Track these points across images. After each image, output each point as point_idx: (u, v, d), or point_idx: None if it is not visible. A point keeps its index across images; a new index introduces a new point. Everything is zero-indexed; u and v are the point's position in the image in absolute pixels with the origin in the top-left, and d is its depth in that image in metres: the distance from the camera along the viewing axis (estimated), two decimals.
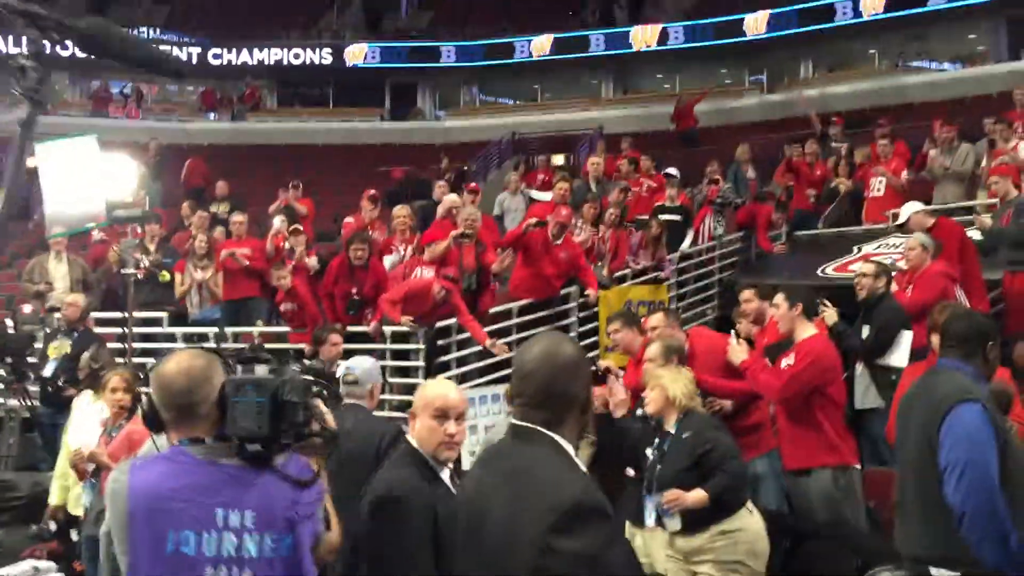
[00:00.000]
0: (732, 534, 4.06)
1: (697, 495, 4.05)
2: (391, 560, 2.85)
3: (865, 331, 5.86)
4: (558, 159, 16.62)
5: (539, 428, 2.12)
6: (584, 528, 1.93)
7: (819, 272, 9.09)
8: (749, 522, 4.11)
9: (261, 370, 2.37)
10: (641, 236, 9.33)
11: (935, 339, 4.25)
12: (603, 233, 9.20)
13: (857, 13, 20.83)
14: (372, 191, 9.75)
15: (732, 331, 5.61)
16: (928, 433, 3.11)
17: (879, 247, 9.17)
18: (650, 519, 4.26)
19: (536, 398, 2.13)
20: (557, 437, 2.12)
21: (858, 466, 4.96)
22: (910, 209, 7.44)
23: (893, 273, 6.39)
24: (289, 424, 2.32)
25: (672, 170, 11.17)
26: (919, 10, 20.08)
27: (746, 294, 6.16)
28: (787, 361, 4.88)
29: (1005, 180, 8.00)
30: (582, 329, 8.46)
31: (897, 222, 7.66)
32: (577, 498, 1.96)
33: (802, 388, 4.80)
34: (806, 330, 4.97)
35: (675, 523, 4.12)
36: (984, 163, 9.52)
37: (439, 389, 3.04)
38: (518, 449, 2.14)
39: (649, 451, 4.33)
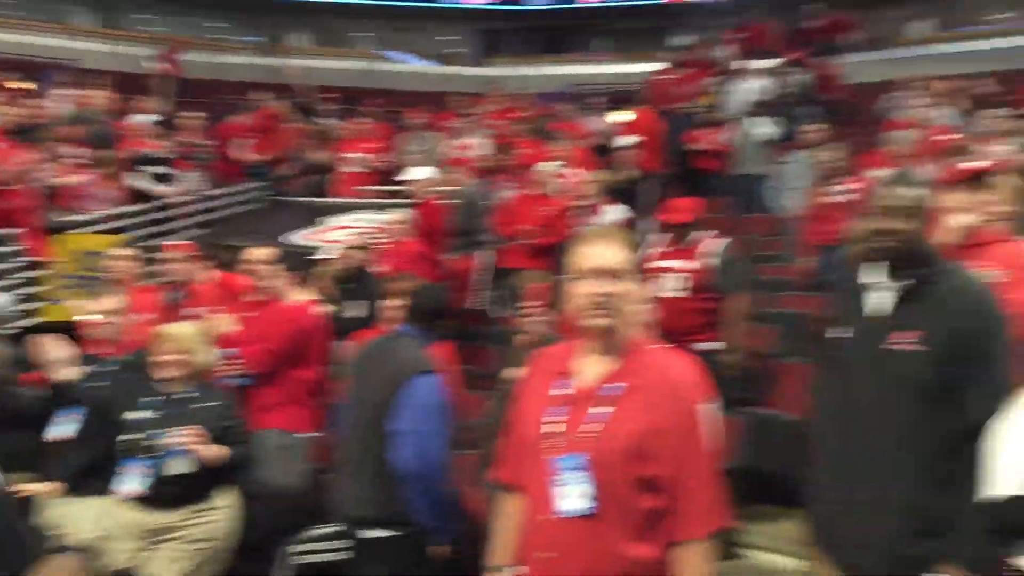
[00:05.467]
0: (212, 512, 3.81)
1: (221, 449, 3.74)
2: None
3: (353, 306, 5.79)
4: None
5: None
6: None
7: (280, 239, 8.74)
8: (230, 499, 3.90)
9: None
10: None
11: (393, 304, 4.13)
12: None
13: None
14: None
15: None
16: (383, 398, 3.24)
17: (349, 221, 9.35)
18: (132, 484, 3.73)
19: None
20: None
21: (313, 432, 4.71)
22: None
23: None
24: None
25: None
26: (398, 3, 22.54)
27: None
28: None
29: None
30: None
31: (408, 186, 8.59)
32: None
33: (276, 360, 4.61)
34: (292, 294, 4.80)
35: (182, 465, 3.69)
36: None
37: None
38: None
39: (140, 412, 3.83)
